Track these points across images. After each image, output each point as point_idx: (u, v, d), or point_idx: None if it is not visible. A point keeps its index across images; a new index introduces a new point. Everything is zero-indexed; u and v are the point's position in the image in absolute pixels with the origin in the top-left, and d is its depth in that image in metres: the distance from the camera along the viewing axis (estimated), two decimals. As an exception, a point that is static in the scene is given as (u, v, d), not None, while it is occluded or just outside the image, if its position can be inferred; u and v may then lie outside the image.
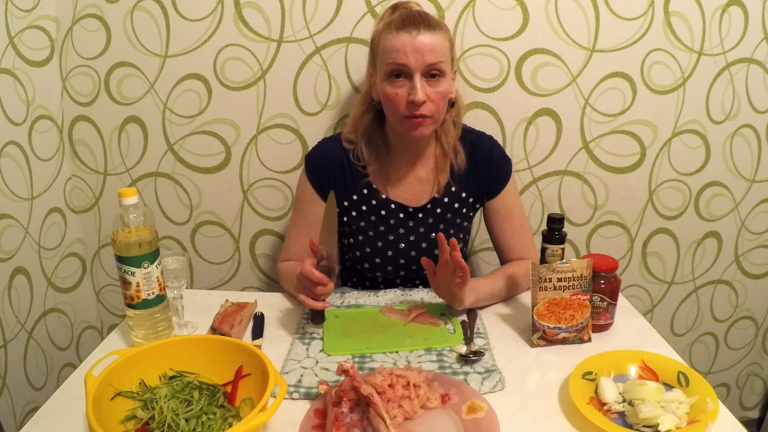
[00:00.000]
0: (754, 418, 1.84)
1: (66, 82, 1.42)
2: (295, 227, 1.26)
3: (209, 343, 0.90)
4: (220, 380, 0.87)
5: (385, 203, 1.21)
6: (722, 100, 1.45)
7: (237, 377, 0.86)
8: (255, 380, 0.83)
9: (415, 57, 1.04)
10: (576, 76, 1.41)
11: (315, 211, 1.20)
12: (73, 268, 1.55)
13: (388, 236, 1.22)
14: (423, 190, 1.22)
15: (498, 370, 0.92)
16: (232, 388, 0.85)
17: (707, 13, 1.37)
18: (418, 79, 1.05)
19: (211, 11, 1.35)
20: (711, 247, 1.61)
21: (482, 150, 1.22)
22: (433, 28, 1.05)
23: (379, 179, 1.22)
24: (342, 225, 1.25)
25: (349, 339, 1.04)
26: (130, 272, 0.94)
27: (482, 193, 1.24)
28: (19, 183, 1.32)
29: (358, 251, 1.24)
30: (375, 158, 1.20)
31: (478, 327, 1.07)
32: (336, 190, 1.18)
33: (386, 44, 1.07)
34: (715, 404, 0.80)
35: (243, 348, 0.86)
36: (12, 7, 1.26)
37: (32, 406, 1.38)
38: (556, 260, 1.11)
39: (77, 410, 0.84)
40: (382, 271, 1.24)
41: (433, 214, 1.22)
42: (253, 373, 0.84)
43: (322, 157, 1.21)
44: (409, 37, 1.04)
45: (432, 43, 1.04)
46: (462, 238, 1.25)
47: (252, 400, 0.81)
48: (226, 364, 0.87)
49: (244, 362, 0.85)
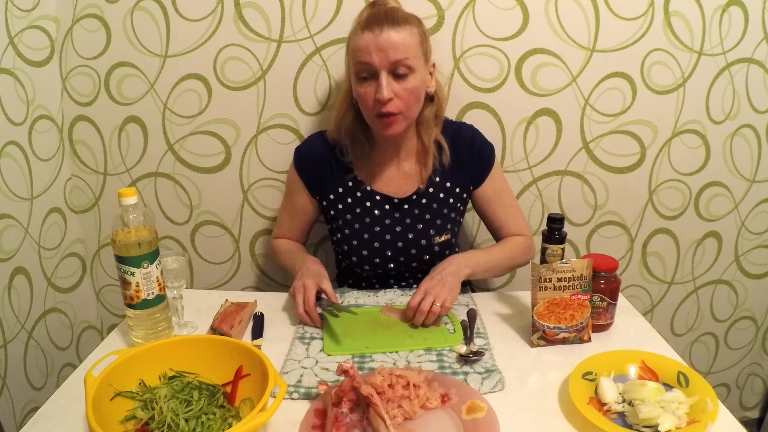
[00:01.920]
0: (754, 418, 1.84)
1: (66, 82, 1.42)
2: (284, 210, 1.34)
3: (209, 343, 0.90)
4: (220, 380, 0.87)
5: (369, 195, 1.23)
6: (722, 100, 1.45)
7: (237, 377, 0.86)
8: (255, 380, 0.83)
9: (378, 55, 1.05)
10: (576, 76, 1.41)
11: (300, 199, 1.28)
12: (73, 268, 1.55)
13: (374, 228, 1.23)
14: (408, 182, 1.23)
15: (498, 370, 0.93)
16: (231, 388, 0.85)
17: (707, 13, 1.36)
18: (384, 77, 1.05)
19: (211, 11, 1.35)
20: (711, 247, 1.61)
21: (463, 140, 1.24)
22: (398, 24, 1.05)
23: (365, 173, 1.24)
24: (330, 221, 1.28)
25: (349, 339, 1.04)
26: (129, 272, 0.94)
27: (468, 182, 1.25)
28: (19, 183, 1.32)
29: (345, 245, 1.25)
30: (360, 154, 1.22)
31: (478, 327, 1.07)
32: (323, 182, 1.24)
33: (353, 44, 1.09)
34: (715, 404, 0.80)
35: (242, 348, 0.86)
36: (12, 7, 1.26)
37: (32, 406, 1.38)
38: (556, 260, 1.11)
39: (77, 410, 0.84)
40: (370, 264, 1.25)
41: (418, 205, 1.23)
42: (253, 373, 0.84)
43: (309, 152, 1.25)
44: (372, 36, 1.04)
45: (396, 40, 1.04)
46: (450, 229, 1.25)
47: (252, 400, 0.81)
48: (226, 364, 0.87)
49: (244, 362, 0.85)
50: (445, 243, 1.25)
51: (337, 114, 1.21)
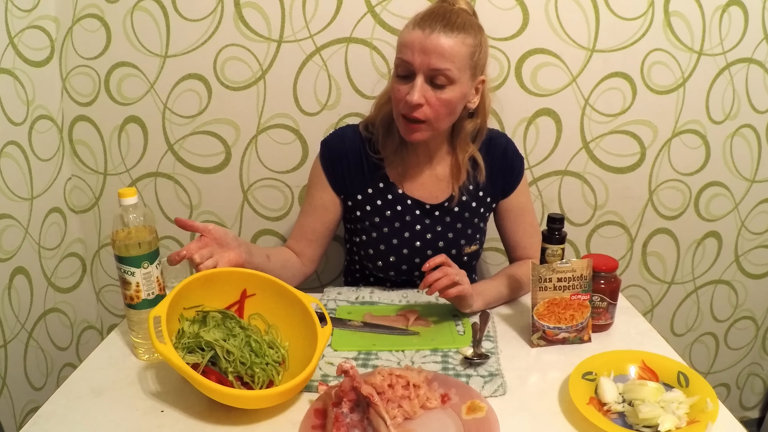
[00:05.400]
0: (754, 418, 1.84)
1: (66, 82, 1.42)
2: (302, 211, 1.23)
3: (213, 276, 0.92)
4: (224, 306, 0.93)
5: (401, 198, 1.18)
6: (722, 100, 1.45)
7: (243, 297, 0.93)
8: (260, 299, 0.92)
9: (421, 58, 0.99)
10: (576, 76, 1.41)
11: (322, 195, 1.19)
12: (73, 268, 1.55)
13: (403, 233, 1.18)
14: (440, 188, 1.19)
15: (501, 375, 0.91)
16: (238, 307, 0.93)
17: (707, 13, 1.37)
18: (420, 80, 1.00)
19: (211, 11, 1.35)
20: (711, 247, 1.61)
21: (497, 149, 1.19)
22: (451, 30, 0.99)
23: (396, 174, 1.18)
24: (354, 221, 1.22)
25: (358, 336, 1.03)
26: (129, 272, 0.94)
27: (498, 192, 1.22)
28: (19, 183, 1.32)
29: (371, 249, 1.19)
30: (391, 150, 1.15)
31: (489, 330, 1.06)
32: (351, 180, 1.17)
33: (401, 38, 1.03)
34: (715, 404, 0.80)
35: (246, 273, 0.93)
36: (12, 7, 1.26)
37: (32, 406, 1.38)
38: (556, 260, 1.10)
39: (77, 410, 0.84)
40: (396, 270, 1.20)
41: (450, 213, 1.19)
42: (258, 293, 0.92)
43: (339, 144, 1.17)
44: (421, 35, 0.99)
45: (443, 47, 0.98)
46: (478, 239, 1.23)
47: (260, 314, 0.92)
48: (231, 291, 0.93)
49: (247, 285, 0.93)
50: (474, 254, 1.22)
51: (378, 101, 1.17)
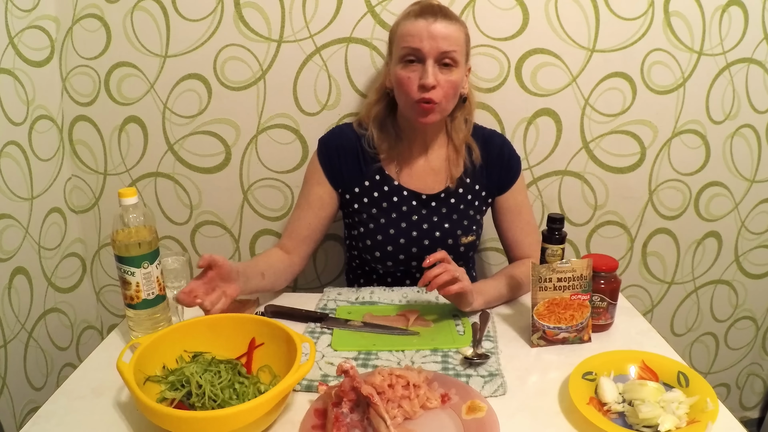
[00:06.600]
0: (754, 418, 1.84)
1: (66, 82, 1.42)
2: (296, 207, 1.26)
3: (220, 321, 0.92)
4: (233, 355, 0.90)
5: (397, 190, 1.22)
6: (722, 100, 1.45)
7: (251, 347, 0.90)
8: (269, 349, 0.88)
9: (429, 43, 1.07)
10: (576, 76, 1.41)
11: (319, 190, 1.23)
12: (73, 268, 1.55)
13: (400, 224, 1.22)
14: (436, 179, 1.23)
15: (501, 375, 0.91)
16: (247, 358, 0.89)
17: (707, 13, 1.37)
18: (431, 64, 1.08)
19: (211, 11, 1.35)
20: (711, 247, 1.61)
21: (494, 146, 1.25)
22: (450, 18, 1.10)
23: (392, 166, 1.23)
24: (352, 214, 1.25)
25: (358, 335, 1.04)
26: (130, 272, 0.94)
27: (494, 188, 1.26)
28: (19, 183, 1.32)
29: (369, 240, 1.22)
30: (387, 145, 1.21)
31: (488, 330, 1.06)
32: (348, 173, 1.22)
33: (403, 30, 1.11)
34: (715, 404, 0.80)
35: (255, 320, 0.91)
36: (12, 7, 1.26)
37: (32, 406, 1.38)
38: (556, 260, 1.10)
39: (77, 410, 0.84)
40: (394, 260, 1.23)
41: (446, 204, 1.23)
42: (267, 342, 0.88)
43: (336, 140, 1.23)
44: (425, 23, 1.08)
45: (447, 32, 1.08)
46: (475, 231, 1.25)
47: (269, 366, 0.87)
48: (237, 339, 0.90)
49: (256, 334, 0.90)
50: (470, 244, 1.25)
51: (369, 102, 1.24)
